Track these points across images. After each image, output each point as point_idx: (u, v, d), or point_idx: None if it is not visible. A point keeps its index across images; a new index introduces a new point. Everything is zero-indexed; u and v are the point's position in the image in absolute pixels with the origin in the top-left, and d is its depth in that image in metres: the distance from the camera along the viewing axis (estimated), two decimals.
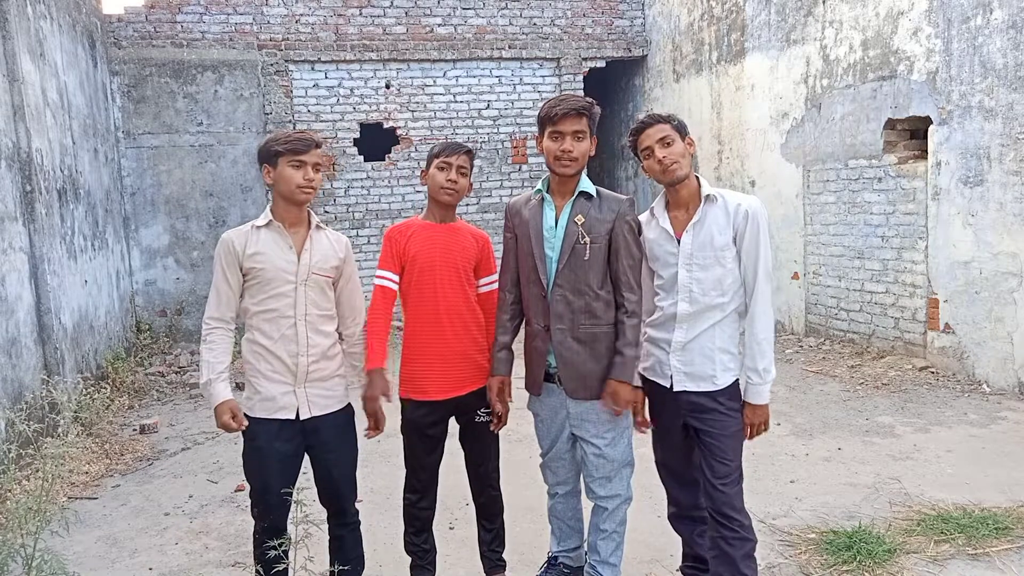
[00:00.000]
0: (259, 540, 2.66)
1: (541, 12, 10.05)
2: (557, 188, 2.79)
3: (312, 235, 2.71)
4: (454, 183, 2.88)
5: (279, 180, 2.61)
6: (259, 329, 2.64)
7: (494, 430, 2.98)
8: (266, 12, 9.19)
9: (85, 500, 4.37)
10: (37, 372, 5.05)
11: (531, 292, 2.80)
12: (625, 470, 2.83)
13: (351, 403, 2.82)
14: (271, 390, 2.64)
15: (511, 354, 2.94)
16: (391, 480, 3.11)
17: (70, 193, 6.28)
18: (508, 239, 2.92)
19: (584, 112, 2.66)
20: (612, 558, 2.85)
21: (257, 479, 2.69)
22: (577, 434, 2.81)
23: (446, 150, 2.90)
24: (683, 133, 2.65)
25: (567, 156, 2.66)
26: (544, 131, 2.71)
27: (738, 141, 8.63)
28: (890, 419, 5.20)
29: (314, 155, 2.61)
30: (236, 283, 2.65)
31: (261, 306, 2.64)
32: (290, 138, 2.61)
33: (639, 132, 2.66)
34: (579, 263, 2.69)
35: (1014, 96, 5.42)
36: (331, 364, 2.73)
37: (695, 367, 2.64)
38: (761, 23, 8.12)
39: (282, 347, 2.63)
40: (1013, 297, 5.53)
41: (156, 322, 8.76)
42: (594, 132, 2.72)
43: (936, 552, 3.25)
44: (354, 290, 2.85)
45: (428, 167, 2.94)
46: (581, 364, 2.72)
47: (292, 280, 2.64)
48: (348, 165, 9.60)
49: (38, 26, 5.79)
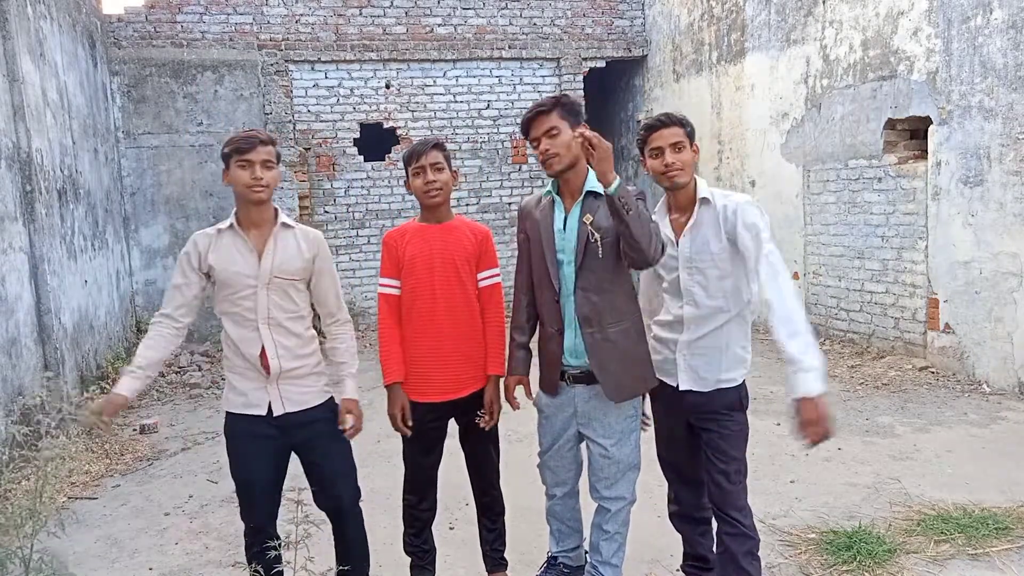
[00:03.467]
0: (247, 542, 2.67)
1: (541, 12, 10.05)
2: (565, 188, 2.76)
3: (277, 235, 2.62)
4: (432, 183, 2.83)
5: (232, 182, 2.57)
6: (227, 328, 2.63)
7: (485, 427, 2.95)
8: (266, 12, 9.19)
9: (85, 500, 4.37)
10: (37, 372, 5.05)
11: (544, 295, 2.78)
12: (631, 473, 2.81)
13: (333, 397, 2.77)
14: (243, 386, 2.63)
15: (529, 354, 2.92)
16: (391, 480, 3.11)
17: (70, 193, 6.28)
18: (522, 240, 2.89)
19: (546, 109, 2.63)
20: (614, 559, 2.84)
21: (235, 476, 2.68)
22: (584, 433, 2.80)
23: (413, 155, 2.86)
24: (693, 139, 2.64)
25: (547, 155, 2.64)
26: (528, 141, 2.73)
27: (738, 141, 8.63)
28: (890, 419, 5.20)
29: (261, 152, 2.54)
30: (195, 282, 2.63)
31: (225, 307, 2.62)
32: (235, 138, 2.57)
33: (653, 130, 2.61)
34: (595, 262, 2.65)
35: (1014, 96, 5.42)
36: (307, 361, 2.67)
37: (701, 368, 2.63)
38: (761, 23, 8.12)
39: (246, 348, 2.60)
40: (1013, 297, 5.53)
41: None
42: (575, 122, 2.63)
43: (936, 552, 3.25)
44: (328, 287, 2.75)
45: (407, 176, 2.92)
46: (618, 364, 2.68)
47: (253, 284, 2.58)
48: (348, 165, 9.60)
49: (38, 26, 5.78)
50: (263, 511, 2.67)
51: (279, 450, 2.68)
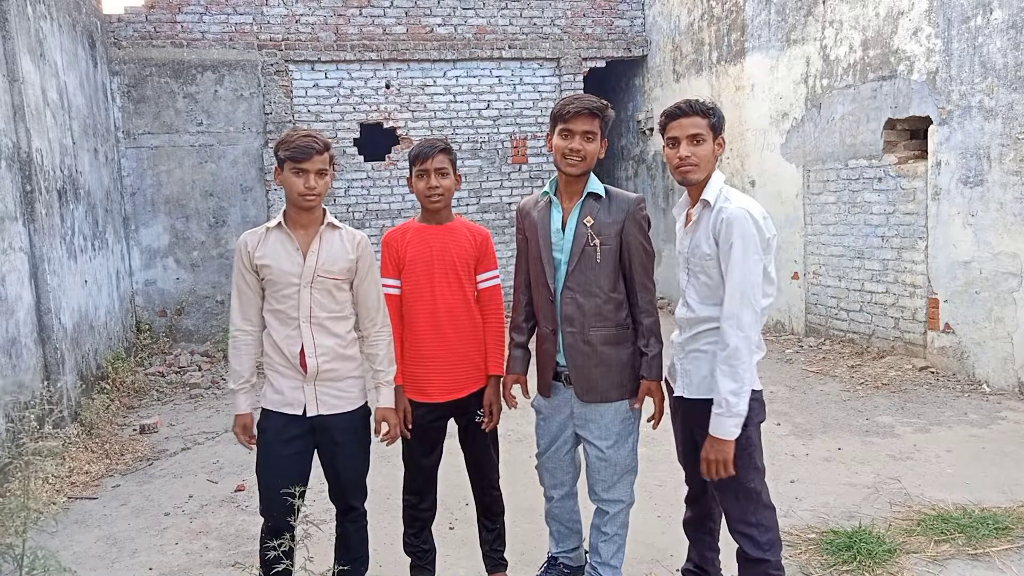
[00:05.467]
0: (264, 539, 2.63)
1: (541, 12, 10.05)
2: (565, 189, 2.75)
3: (322, 235, 2.65)
4: (435, 189, 2.83)
5: (285, 184, 2.59)
6: (271, 326, 2.66)
7: (485, 428, 2.96)
8: (266, 12, 9.19)
9: (85, 500, 4.37)
10: (37, 372, 5.05)
11: (540, 295, 2.79)
12: (628, 476, 2.81)
13: (367, 403, 2.78)
14: (281, 384, 2.64)
15: (527, 353, 2.94)
16: (391, 480, 3.11)
17: (70, 193, 6.28)
18: (520, 241, 2.90)
19: (597, 113, 2.63)
20: (613, 560, 2.85)
21: (262, 473, 2.68)
22: (581, 434, 2.80)
23: (419, 156, 2.84)
24: (718, 131, 2.52)
25: (575, 155, 2.63)
26: (555, 128, 2.67)
27: (738, 141, 8.63)
28: (890, 419, 5.20)
29: (316, 162, 2.54)
30: (253, 283, 2.66)
31: (271, 305, 2.65)
32: (293, 144, 2.54)
33: (673, 118, 2.51)
34: (590, 265, 2.65)
35: (1014, 96, 5.42)
36: (346, 364, 2.68)
37: (692, 372, 2.57)
38: (761, 23, 8.12)
39: (287, 346, 2.62)
40: (1013, 297, 5.53)
41: (156, 322, 8.75)
42: (605, 135, 2.68)
43: (936, 552, 3.25)
44: (370, 289, 2.76)
45: (410, 174, 2.91)
46: (592, 367, 2.69)
47: (296, 282, 2.60)
48: (348, 165, 9.60)
49: (38, 26, 5.78)
50: (279, 515, 2.66)
51: (307, 449, 2.69)
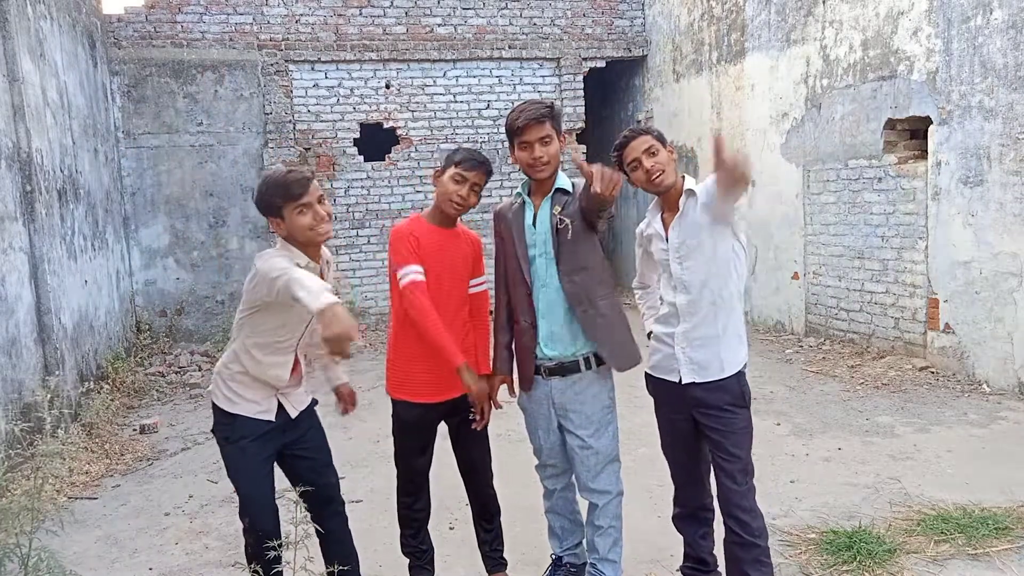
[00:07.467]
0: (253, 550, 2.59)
1: (541, 12, 10.05)
2: (536, 188, 2.89)
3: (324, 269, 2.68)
4: (464, 199, 2.86)
5: (293, 230, 2.48)
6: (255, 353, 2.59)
7: (477, 428, 2.97)
8: (266, 12, 9.19)
9: (85, 500, 4.37)
10: (37, 372, 5.05)
11: (518, 291, 2.87)
12: (613, 464, 2.88)
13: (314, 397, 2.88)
14: (254, 395, 2.64)
15: (512, 353, 2.99)
16: (391, 480, 3.11)
17: (70, 193, 6.28)
18: (498, 243, 2.99)
19: (544, 117, 2.71)
20: (611, 554, 2.87)
21: (249, 483, 2.64)
22: (563, 424, 2.87)
23: (466, 162, 2.84)
24: (664, 142, 2.70)
25: (539, 163, 2.75)
26: (513, 143, 2.79)
27: (738, 141, 8.63)
28: (890, 419, 5.19)
29: (314, 192, 2.48)
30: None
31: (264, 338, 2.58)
32: (287, 184, 2.44)
33: (624, 146, 2.69)
34: (567, 244, 2.76)
35: (1014, 96, 5.42)
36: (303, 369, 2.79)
37: (700, 356, 2.66)
38: (761, 23, 8.12)
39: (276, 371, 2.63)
40: (1013, 297, 5.53)
41: (156, 322, 8.75)
42: (560, 131, 2.79)
43: (936, 552, 3.25)
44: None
45: (444, 169, 2.89)
46: (618, 335, 2.81)
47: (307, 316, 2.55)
48: (348, 165, 9.60)
49: (38, 26, 5.78)
50: (271, 520, 2.66)
51: (273, 454, 2.71)
